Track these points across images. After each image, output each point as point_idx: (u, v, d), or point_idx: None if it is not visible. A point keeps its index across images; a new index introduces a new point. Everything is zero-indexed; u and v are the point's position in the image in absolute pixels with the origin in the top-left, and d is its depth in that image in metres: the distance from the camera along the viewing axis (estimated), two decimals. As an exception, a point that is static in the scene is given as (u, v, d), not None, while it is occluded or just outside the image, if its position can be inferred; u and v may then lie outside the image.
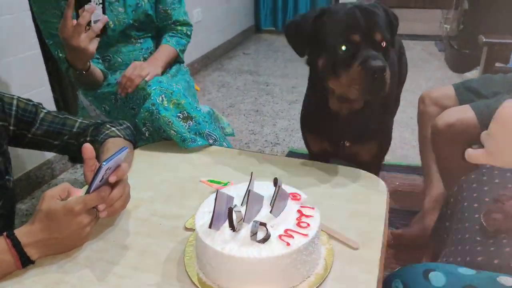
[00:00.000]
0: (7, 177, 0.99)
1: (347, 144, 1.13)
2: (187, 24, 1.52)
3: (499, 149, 0.63)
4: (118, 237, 0.84)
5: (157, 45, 1.48)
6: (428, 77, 3.32)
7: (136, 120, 1.21)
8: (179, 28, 1.49)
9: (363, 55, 0.92)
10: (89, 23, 1.10)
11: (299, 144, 2.30)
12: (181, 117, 1.19)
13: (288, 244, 0.67)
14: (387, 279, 0.77)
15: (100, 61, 1.39)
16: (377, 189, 0.97)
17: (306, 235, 0.69)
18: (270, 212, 0.73)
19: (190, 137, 1.16)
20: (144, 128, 1.21)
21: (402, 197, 1.85)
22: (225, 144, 1.27)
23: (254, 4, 4.70)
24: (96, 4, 1.09)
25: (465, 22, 3.17)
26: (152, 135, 1.23)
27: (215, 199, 0.70)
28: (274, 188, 0.75)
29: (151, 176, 1.05)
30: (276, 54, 4.05)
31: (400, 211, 1.74)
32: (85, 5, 1.07)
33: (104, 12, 1.12)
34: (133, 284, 0.73)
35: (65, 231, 0.75)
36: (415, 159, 2.09)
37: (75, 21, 1.08)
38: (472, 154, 0.67)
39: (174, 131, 1.15)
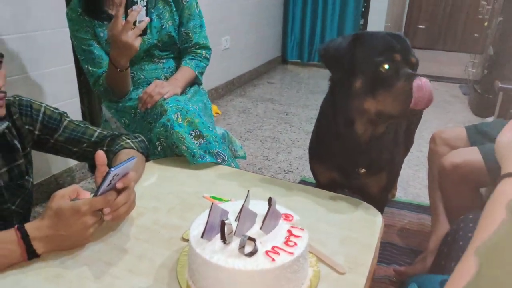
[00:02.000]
0: (26, 177, 1.07)
1: (361, 171, 1.15)
2: (207, 48, 1.61)
3: None
4: (118, 240, 0.89)
5: (178, 65, 1.58)
6: (449, 118, 3.31)
7: (152, 134, 1.29)
8: (198, 51, 1.58)
9: (406, 73, 0.97)
10: (134, 23, 1.24)
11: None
12: (193, 134, 1.26)
13: (273, 259, 0.70)
14: (404, 283, 0.79)
15: None
16: (373, 220, 0.99)
17: (291, 253, 0.72)
18: (261, 228, 0.76)
19: (199, 154, 1.21)
20: (158, 143, 1.28)
21: (409, 235, 1.83)
22: (233, 164, 1.32)
23: (282, 36, 4.85)
24: (142, 5, 1.24)
25: (489, 67, 3.17)
26: (164, 150, 1.29)
27: (209, 211, 0.75)
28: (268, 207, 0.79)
29: (158, 188, 1.11)
30: (300, 85, 4.13)
31: (406, 249, 1.72)
32: (133, 6, 1.23)
33: (147, 14, 1.27)
34: (126, 285, 0.77)
35: (70, 229, 0.81)
36: (427, 199, 2.07)
37: (123, 21, 1.23)
38: None
39: (186, 146, 1.21)
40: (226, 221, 0.74)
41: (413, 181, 2.32)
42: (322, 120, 1.24)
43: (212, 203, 0.76)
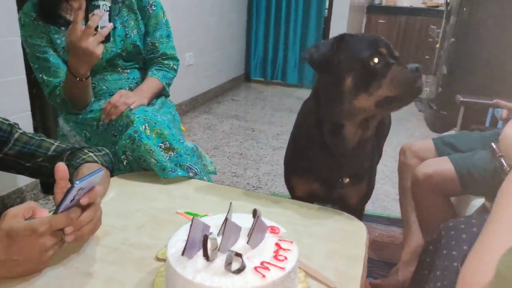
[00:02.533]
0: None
1: (345, 181, 1.12)
2: (174, 58, 1.54)
3: None
4: (82, 264, 0.79)
5: (143, 76, 1.49)
6: (408, 134, 3.42)
7: (117, 147, 1.19)
8: (165, 62, 1.51)
9: (395, 64, 0.98)
10: (96, 28, 1.14)
11: (281, 189, 2.28)
12: (162, 147, 1.18)
13: (263, 276, 0.63)
14: None
15: None
16: (357, 231, 0.95)
17: (283, 268, 0.66)
18: (247, 242, 0.70)
19: (170, 167, 1.13)
20: (124, 156, 1.19)
21: (380, 248, 1.82)
22: (205, 178, 1.25)
23: (245, 54, 4.87)
24: (104, 10, 1.15)
25: (443, 85, 3.32)
26: (130, 164, 1.20)
27: (191, 226, 0.67)
28: (253, 219, 0.73)
29: (126, 205, 1.01)
30: (264, 102, 4.13)
31: (378, 262, 1.71)
32: (94, 10, 1.13)
33: (110, 20, 1.18)
34: (92, 315, 0.67)
35: (25, 253, 0.70)
36: (394, 211, 2.09)
37: (83, 26, 1.13)
38: None
39: (155, 159, 1.13)
40: (210, 236, 0.67)
41: (380, 195, 2.33)
42: (301, 130, 1.20)
43: (193, 217, 0.68)
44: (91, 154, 1.04)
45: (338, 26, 4.41)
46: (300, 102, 1.23)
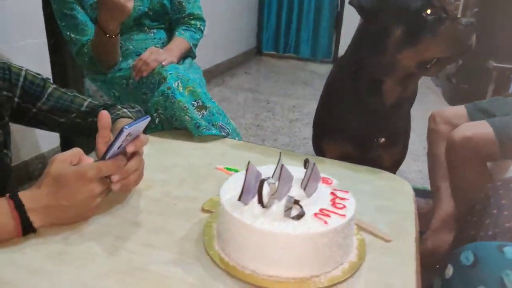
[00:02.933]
0: (5, 151, 0.92)
1: (381, 141, 1.08)
2: (201, 19, 1.50)
3: None
4: (128, 214, 0.77)
5: (169, 37, 1.45)
6: (426, 109, 3.35)
7: (149, 105, 1.16)
8: (192, 22, 1.47)
9: (448, 19, 0.93)
10: None
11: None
12: (195, 105, 1.14)
13: (325, 222, 0.61)
14: (455, 253, 0.73)
15: None
16: (403, 188, 0.92)
17: (343, 215, 0.63)
18: (304, 190, 0.67)
19: (205, 125, 1.10)
20: (155, 114, 1.16)
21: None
22: (237, 139, 1.22)
23: (257, 27, 4.77)
24: None
25: (465, 58, 3.23)
26: (162, 122, 1.17)
27: (246, 170, 0.64)
28: (305, 170, 0.70)
29: (164, 161, 0.98)
30: (277, 75, 4.07)
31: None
32: None
33: None
34: (145, 261, 0.65)
35: (73, 198, 0.68)
36: (417, 183, 2.06)
37: None
38: None
39: (189, 117, 1.10)
40: (268, 180, 0.64)
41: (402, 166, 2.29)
42: (335, 85, 1.16)
43: (249, 162, 0.65)
44: (124, 110, 1.01)
45: None
46: (313, 76, 1.20)
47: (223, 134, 1.16)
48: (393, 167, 1.21)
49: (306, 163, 0.73)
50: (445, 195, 1.52)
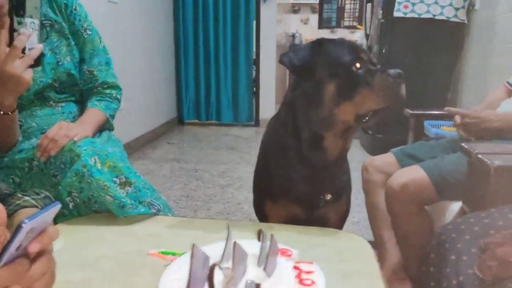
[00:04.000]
0: None
1: (328, 198, 1.02)
2: (116, 87, 1.37)
3: None
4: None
5: (81, 110, 1.30)
6: (351, 160, 3.49)
7: (60, 188, 0.98)
8: (107, 91, 1.33)
9: (376, 69, 0.94)
10: (23, 50, 0.93)
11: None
12: (117, 182, 0.99)
13: (297, 307, 0.50)
14: None
15: None
16: (362, 247, 0.85)
17: (315, 294, 0.53)
18: (264, 269, 0.55)
19: (130, 203, 0.95)
20: (69, 198, 0.98)
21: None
22: (169, 215, 1.07)
23: (177, 98, 4.74)
24: (32, 29, 0.95)
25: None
26: (78, 207, 0.99)
27: (191, 256, 0.52)
28: (260, 243, 0.59)
29: (84, 254, 0.80)
30: (201, 143, 3.99)
31: None
32: (21, 29, 0.92)
33: (39, 41, 0.98)
34: None
35: None
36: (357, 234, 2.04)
37: (7, 48, 0.92)
38: None
39: (111, 196, 0.94)
40: (219, 264, 0.52)
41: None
42: (271, 149, 1.10)
43: (193, 245, 0.53)
44: (27, 198, 0.83)
45: (267, 65, 4.55)
46: (238, 140, 1.15)
47: (153, 211, 1.01)
48: (340, 222, 1.15)
49: (259, 234, 0.62)
50: (390, 244, 1.49)
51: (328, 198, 1.03)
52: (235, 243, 0.55)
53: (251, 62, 4.61)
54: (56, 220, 0.96)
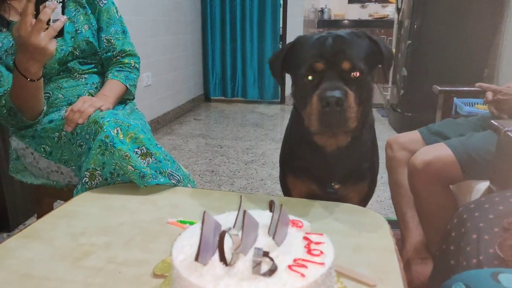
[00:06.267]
0: None
1: (336, 187, 1.02)
2: (134, 55, 1.39)
3: None
4: (59, 293, 0.62)
5: (103, 81, 1.33)
6: (378, 138, 3.43)
7: (84, 164, 1.02)
8: (125, 60, 1.36)
9: (324, 85, 0.85)
10: (47, 22, 0.98)
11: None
12: (139, 153, 1.02)
13: (303, 275, 0.51)
14: (444, 286, 0.63)
15: None
16: (377, 222, 0.84)
17: (322, 263, 0.53)
18: (273, 238, 0.56)
19: (151, 173, 0.98)
20: (93, 176, 1.01)
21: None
22: (189, 186, 1.10)
23: (203, 74, 4.76)
24: (57, 2, 0.99)
25: (405, 87, 3.39)
26: (101, 185, 1.03)
27: (202, 223, 0.53)
28: (271, 213, 0.60)
29: (106, 220, 0.84)
30: (228, 120, 4.02)
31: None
32: (46, 2, 0.97)
33: (63, 12, 1.02)
34: None
35: None
36: (380, 213, 2.02)
37: (33, 20, 0.97)
38: None
39: (132, 166, 0.97)
40: (229, 232, 0.53)
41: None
42: (292, 128, 1.11)
43: (205, 212, 0.54)
44: None
45: (294, 30, 4.46)
46: (263, 117, 1.17)
47: (173, 182, 1.04)
48: (361, 203, 1.14)
49: (271, 205, 0.63)
50: (413, 223, 1.47)
51: (337, 187, 1.02)
52: (245, 211, 0.56)
53: (277, 38, 4.53)
54: (79, 190, 1.01)
